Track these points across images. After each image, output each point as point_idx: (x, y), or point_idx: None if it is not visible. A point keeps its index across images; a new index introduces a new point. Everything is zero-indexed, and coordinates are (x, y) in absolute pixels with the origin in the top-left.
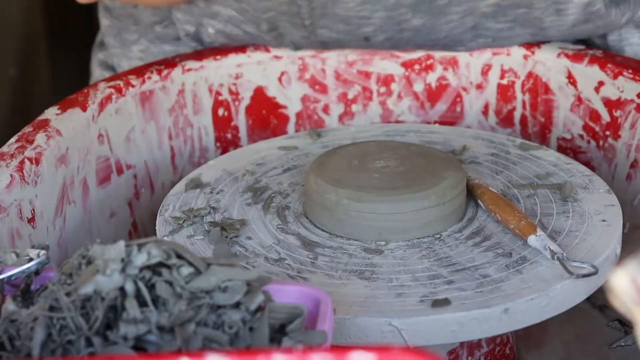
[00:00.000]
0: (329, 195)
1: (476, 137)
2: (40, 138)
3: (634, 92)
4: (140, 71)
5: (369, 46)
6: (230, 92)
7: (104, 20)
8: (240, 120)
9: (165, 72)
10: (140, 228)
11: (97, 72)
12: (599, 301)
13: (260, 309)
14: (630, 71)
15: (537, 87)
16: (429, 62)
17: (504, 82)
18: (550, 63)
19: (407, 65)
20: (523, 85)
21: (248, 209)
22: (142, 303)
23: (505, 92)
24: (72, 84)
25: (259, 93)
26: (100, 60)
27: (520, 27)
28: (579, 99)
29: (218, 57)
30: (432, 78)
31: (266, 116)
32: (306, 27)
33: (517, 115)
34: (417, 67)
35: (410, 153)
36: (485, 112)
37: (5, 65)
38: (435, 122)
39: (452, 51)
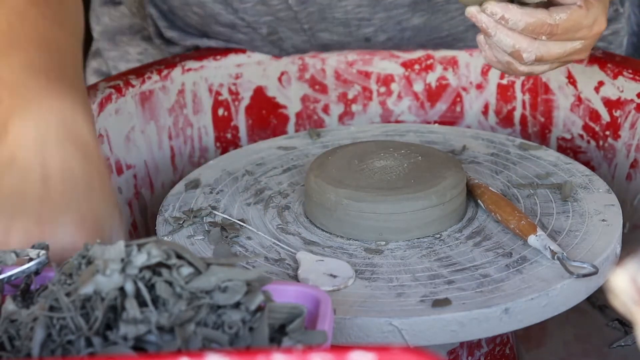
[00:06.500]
0: (329, 195)
1: (476, 137)
2: None
3: (634, 91)
4: (140, 71)
5: (370, 46)
6: (230, 92)
7: (97, 27)
8: (240, 120)
9: (165, 72)
10: (140, 228)
11: (91, 81)
12: (599, 301)
13: (260, 309)
14: (630, 71)
15: (537, 87)
16: (428, 62)
17: (504, 82)
18: None
19: (407, 65)
20: (523, 85)
21: (248, 209)
22: (142, 303)
23: (505, 92)
24: None
25: (259, 93)
26: (94, 69)
27: None
28: (579, 99)
29: (218, 57)
30: (432, 78)
31: (266, 116)
32: (305, 31)
33: (517, 115)
34: (417, 67)
35: (410, 153)
36: (485, 112)
37: None
38: (435, 122)
39: (454, 49)
